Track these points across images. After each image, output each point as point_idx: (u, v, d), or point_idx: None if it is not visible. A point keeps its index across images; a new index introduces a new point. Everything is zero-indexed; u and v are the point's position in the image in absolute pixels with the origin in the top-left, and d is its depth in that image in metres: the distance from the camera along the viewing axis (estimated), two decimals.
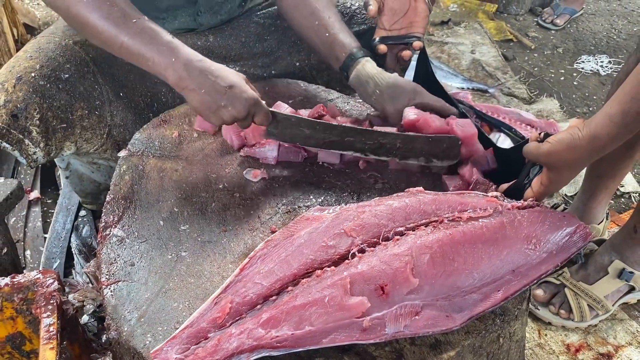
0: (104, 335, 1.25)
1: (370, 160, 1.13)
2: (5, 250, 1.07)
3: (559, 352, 1.34)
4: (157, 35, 1.04)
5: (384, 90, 1.19)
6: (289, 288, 0.81)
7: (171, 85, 1.04)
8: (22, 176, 1.73)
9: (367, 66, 1.22)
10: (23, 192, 1.11)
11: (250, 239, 0.98)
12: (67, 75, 1.21)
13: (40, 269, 1.48)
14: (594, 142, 0.86)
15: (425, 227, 0.88)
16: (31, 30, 2.64)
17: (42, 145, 1.17)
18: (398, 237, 0.86)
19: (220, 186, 1.08)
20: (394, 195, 0.95)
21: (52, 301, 0.91)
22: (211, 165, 1.13)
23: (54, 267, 1.47)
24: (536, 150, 0.92)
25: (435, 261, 0.82)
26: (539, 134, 0.96)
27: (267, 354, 0.75)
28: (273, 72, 1.48)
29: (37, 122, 1.15)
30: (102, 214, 1.03)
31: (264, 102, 1.07)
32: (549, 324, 1.39)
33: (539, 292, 1.39)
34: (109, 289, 0.89)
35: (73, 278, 1.45)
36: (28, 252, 1.53)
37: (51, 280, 0.94)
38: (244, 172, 1.11)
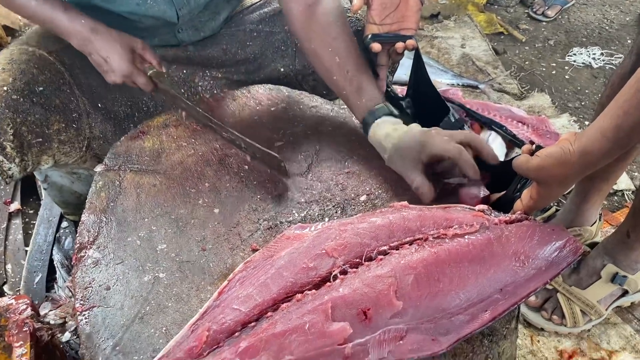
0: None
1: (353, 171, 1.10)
2: None
3: (551, 359, 1.32)
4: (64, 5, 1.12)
5: (392, 155, 1.05)
6: (269, 313, 0.78)
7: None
8: (1, 186, 1.69)
9: (379, 129, 1.09)
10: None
11: (230, 258, 0.94)
12: (41, 88, 1.17)
13: (22, 283, 1.45)
14: (585, 157, 0.82)
15: (410, 245, 0.84)
16: (11, 32, 2.58)
17: (17, 160, 1.13)
18: (381, 256, 0.83)
19: (200, 201, 1.05)
20: (378, 211, 0.92)
21: (24, 329, 0.88)
22: (190, 179, 1.09)
23: (36, 281, 1.44)
24: (525, 164, 0.89)
25: (419, 282, 0.79)
26: (533, 145, 0.92)
27: None
28: (257, 78, 1.44)
29: (11, 137, 1.11)
30: (77, 234, 1.00)
31: (145, 68, 1.17)
32: (542, 330, 1.36)
33: (531, 298, 1.36)
34: (84, 315, 0.86)
35: (55, 292, 1.42)
36: (9, 266, 1.50)
37: (24, 307, 0.91)
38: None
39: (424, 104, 1.27)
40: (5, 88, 1.12)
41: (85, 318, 0.86)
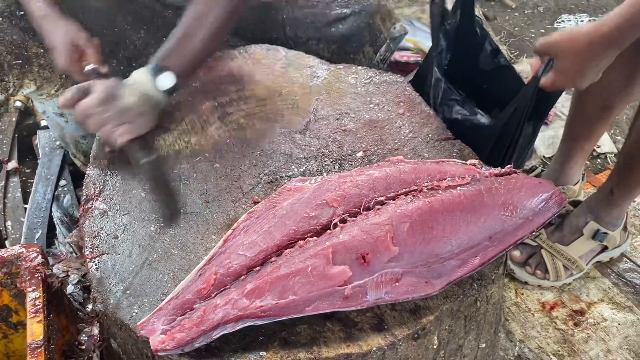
0: (90, 305, 1.27)
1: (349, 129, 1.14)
2: None
3: (534, 310, 1.39)
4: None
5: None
6: (273, 259, 0.83)
7: None
8: None
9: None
10: (0, 166, 1.10)
11: (232, 210, 0.99)
12: (22, 13, 1.19)
13: (22, 239, 1.48)
14: (596, 30, 0.89)
15: (405, 196, 0.89)
16: None
17: None
18: (379, 206, 0.87)
19: (201, 157, 1.08)
20: (375, 164, 0.96)
21: (36, 275, 0.92)
22: (191, 134, 1.12)
23: (36, 237, 1.47)
24: (543, 40, 0.98)
25: (414, 229, 0.84)
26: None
27: (251, 323, 0.77)
28: (256, 34, 1.45)
29: None
30: (83, 187, 1.03)
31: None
32: (526, 283, 1.43)
33: (516, 254, 1.43)
34: (94, 262, 0.90)
35: (56, 248, 1.46)
36: (9, 223, 1.52)
37: (35, 254, 0.94)
38: None
39: (466, 37, 1.32)
40: None
41: (96, 265, 0.90)
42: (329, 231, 0.85)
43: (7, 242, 1.45)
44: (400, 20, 1.54)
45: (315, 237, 0.84)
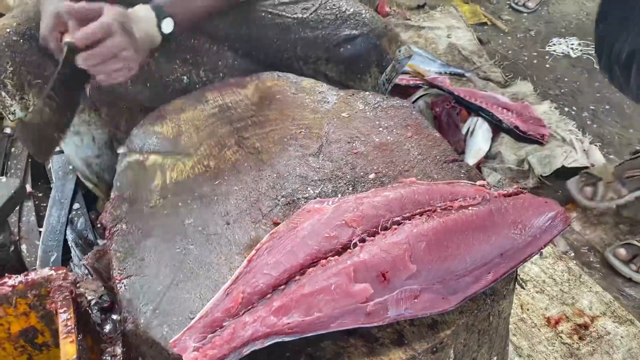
0: (108, 325, 1.30)
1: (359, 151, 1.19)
2: (12, 248, 1.10)
3: (540, 325, 1.44)
4: None
5: None
6: (297, 277, 0.87)
7: None
8: (12, 171, 1.74)
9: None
10: (25, 192, 1.15)
11: (253, 230, 1.03)
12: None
13: (38, 262, 1.51)
14: None
15: (420, 216, 0.94)
16: None
17: (17, 98, 1.22)
18: (395, 226, 0.92)
19: (221, 179, 1.13)
20: (389, 186, 1.01)
21: (67, 296, 0.95)
22: (210, 159, 1.17)
23: (52, 260, 1.50)
24: None
25: (431, 248, 0.89)
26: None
27: (279, 340, 0.81)
28: (259, 57, 1.51)
29: (10, 74, 1.20)
30: (108, 210, 1.07)
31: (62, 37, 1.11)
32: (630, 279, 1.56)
33: (622, 252, 1.60)
34: (122, 283, 0.93)
35: (72, 270, 1.49)
36: (24, 247, 1.56)
37: (65, 276, 0.98)
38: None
39: None
40: (7, 30, 1.21)
41: (125, 286, 0.93)
42: (349, 250, 0.89)
43: (36, 269, 1.48)
44: (405, 44, 1.60)
45: (336, 257, 0.88)
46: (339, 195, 1.08)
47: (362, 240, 0.91)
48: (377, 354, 0.84)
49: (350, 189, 1.12)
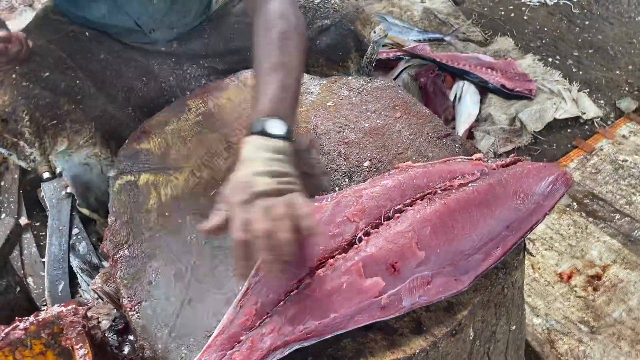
0: (126, 348, 1.30)
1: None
2: (18, 288, 1.09)
3: (553, 282, 1.44)
4: None
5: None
6: (307, 280, 0.86)
7: None
8: (5, 205, 1.72)
9: (247, 146, 0.90)
10: (21, 228, 1.13)
11: None
12: (47, 74, 1.24)
13: (46, 293, 1.50)
14: None
15: (422, 200, 0.93)
16: None
17: (37, 144, 1.21)
18: (398, 214, 0.91)
19: (216, 189, 1.11)
20: (386, 174, 1.00)
21: (80, 331, 0.94)
22: (202, 169, 1.15)
23: (59, 289, 1.49)
24: None
25: (436, 232, 0.88)
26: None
27: (298, 346, 0.81)
28: (241, 68, 1.49)
29: (27, 122, 1.19)
30: (108, 238, 1.06)
31: None
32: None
33: None
34: (134, 310, 0.93)
35: (81, 297, 1.48)
36: (30, 279, 1.54)
37: (75, 311, 0.97)
38: None
39: None
40: (14, 76, 1.19)
41: (137, 313, 0.93)
42: (355, 246, 0.89)
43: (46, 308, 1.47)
44: (379, 24, 1.58)
45: (343, 254, 0.88)
46: (337, 189, 1.07)
47: (367, 234, 0.90)
48: (398, 345, 0.83)
49: (347, 180, 1.10)
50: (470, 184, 0.94)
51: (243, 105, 1.29)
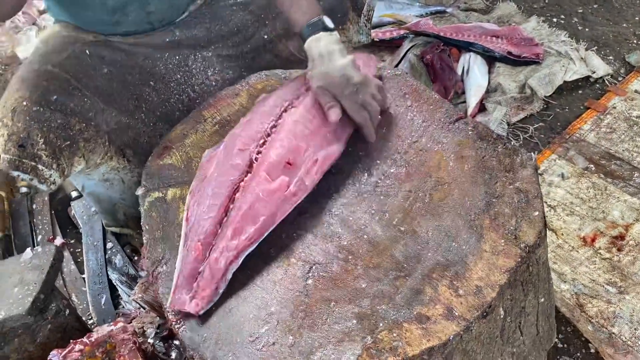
0: (173, 353, 1.36)
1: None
2: (67, 311, 1.15)
3: (577, 247, 1.47)
4: None
5: (318, 76, 1.17)
6: (230, 207, 1.03)
7: None
8: (39, 227, 1.79)
9: (315, 44, 1.19)
10: (62, 253, 1.18)
11: (286, 238, 1.05)
12: (55, 97, 1.27)
13: (90, 307, 1.57)
14: None
15: (285, 112, 1.17)
16: None
17: (54, 166, 1.25)
18: (274, 128, 1.14)
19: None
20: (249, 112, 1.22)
21: (132, 347, 1.00)
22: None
23: (102, 302, 1.56)
24: None
25: (306, 125, 1.13)
26: None
27: (248, 252, 0.97)
28: (245, 49, 1.54)
29: (43, 146, 1.23)
30: (145, 255, 1.10)
31: None
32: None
33: None
34: (179, 324, 0.97)
35: (124, 308, 1.55)
36: (73, 296, 1.61)
37: (124, 329, 1.03)
38: None
39: None
40: (24, 103, 1.23)
41: (182, 326, 0.98)
42: (254, 163, 1.08)
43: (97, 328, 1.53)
44: None
45: (249, 175, 1.06)
46: (357, 185, 1.11)
47: (259, 152, 1.10)
48: (432, 333, 0.87)
49: (366, 175, 1.13)
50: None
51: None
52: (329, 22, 1.21)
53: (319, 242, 1.03)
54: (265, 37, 1.54)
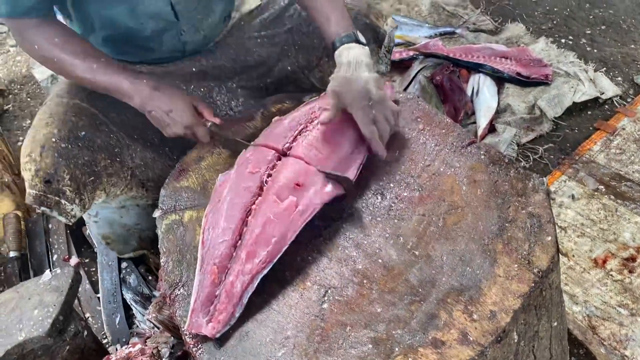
0: None
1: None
2: (85, 332, 1.17)
3: (588, 268, 1.47)
4: (124, 69, 1.27)
5: (342, 85, 1.19)
6: (244, 229, 1.05)
7: (137, 108, 1.27)
8: (55, 246, 1.82)
9: (344, 54, 1.22)
10: (80, 275, 1.20)
11: (302, 261, 1.07)
12: (83, 133, 1.30)
13: (105, 327, 1.59)
14: None
15: (300, 135, 1.21)
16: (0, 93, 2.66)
17: (77, 201, 1.27)
18: (287, 150, 1.18)
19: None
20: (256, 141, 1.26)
21: None
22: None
23: (117, 322, 1.58)
24: None
25: (318, 149, 1.16)
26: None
27: (263, 275, 0.99)
28: (268, 80, 1.57)
29: (68, 182, 1.25)
30: (163, 278, 1.12)
31: (204, 122, 1.30)
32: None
33: None
34: (197, 347, 0.99)
35: (138, 327, 1.56)
36: (88, 315, 1.63)
37: (142, 351, 1.04)
38: None
39: None
40: (53, 139, 1.25)
41: (200, 348, 0.99)
42: (265, 186, 1.11)
43: (116, 350, 1.54)
44: (388, 16, 1.64)
45: (260, 198, 1.09)
46: (370, 208, 1.13)
47: (269, 175, 1.13)
48: (447, 358, 0.88)
49: (380, 198, 1.15)
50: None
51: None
52: (361, 37, 1.24)
53: (333, 266, 1.04)
54: (289, 68, 1.57)
